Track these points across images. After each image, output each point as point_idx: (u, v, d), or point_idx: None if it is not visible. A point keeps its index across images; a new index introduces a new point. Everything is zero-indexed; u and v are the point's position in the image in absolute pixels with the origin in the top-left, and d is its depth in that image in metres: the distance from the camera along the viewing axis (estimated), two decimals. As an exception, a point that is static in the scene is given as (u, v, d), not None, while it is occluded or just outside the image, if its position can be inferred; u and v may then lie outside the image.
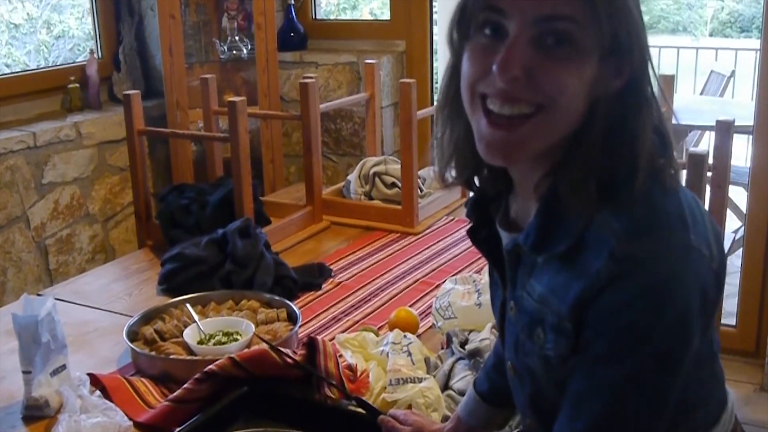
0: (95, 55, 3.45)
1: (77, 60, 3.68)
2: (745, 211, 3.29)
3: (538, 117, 0.89)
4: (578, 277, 0.88)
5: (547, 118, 0.89)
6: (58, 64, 3.69)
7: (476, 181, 1.06)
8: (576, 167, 0.89)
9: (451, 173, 1.04)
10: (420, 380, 1.45)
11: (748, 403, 3.03)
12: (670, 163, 0.92)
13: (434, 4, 3.68)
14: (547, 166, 0.93)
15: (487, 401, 1.26)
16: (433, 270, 2.17)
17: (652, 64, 0.92)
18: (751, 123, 3.08)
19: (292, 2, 3.75)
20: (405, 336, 1.58)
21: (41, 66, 3.69)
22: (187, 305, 1.78)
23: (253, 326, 1.69)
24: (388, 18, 3.74)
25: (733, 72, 5.77)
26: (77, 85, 3.34)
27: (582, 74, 0.88)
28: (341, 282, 2.09)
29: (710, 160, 1.98)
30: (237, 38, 3.60)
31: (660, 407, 0.88)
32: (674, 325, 0.85)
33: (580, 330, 0.89)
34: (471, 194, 1.10)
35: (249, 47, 3.61)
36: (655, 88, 0.92)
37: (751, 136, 3.16)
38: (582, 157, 0.89)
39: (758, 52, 3.21)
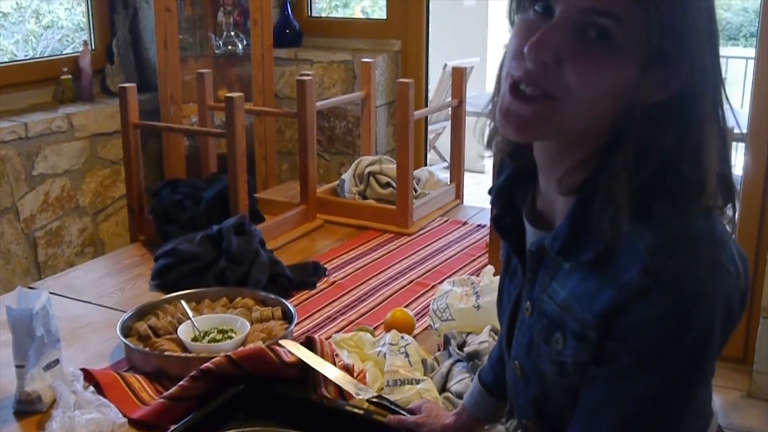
0: (89, 47, 3.42)
1: (65, 51, 3.66)
2: (735, 221, 3.29)
3: (549, 103, 0.87)
4: (607, 287, 0.87)
5: (561, 108, 0.87)
6: (45, 54, 3.67)
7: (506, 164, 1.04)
8: (610, 175, 0.87)
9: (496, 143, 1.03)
10: (418, 382, 1.44)
11: (735, 409, 3.04)
12: (725, 197, 0.90)
13: (430, 4, 3.67)
14: (574, 160, 0.91)
15: (493, 393, 1.26)
16: (428, 271, 2.16)
17: (719, 88, 0.88)
18: (741, 131, 3.09)
19: (288, -1, 3.74)
20: (402, 337, 1.57)
21: (29, 56, 3.66)
22: (182, 301, 1.77)
23: (248, 324, 1.68)
24: (384, 17, 3.73)
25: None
26: (70, 76, 3.31)
27: (614, 75, 0.85)
28: (336, 281, 2.07)
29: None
30: (232, 33, 3.59)
31: (677, 420, 0.89)
32: (698, 341, 0.85)
33: (604, 340, 0.88)
34: (497, 180, 1.08)
35: (244, 43, 3.59)
36: (726, 114, 0.89)
37: (740, 144, 3.17)
38: (616, 164, 0.87)
39: (753, 60, 3.22)
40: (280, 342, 1.53)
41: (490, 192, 1.10)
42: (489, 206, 2.02)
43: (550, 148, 0.94)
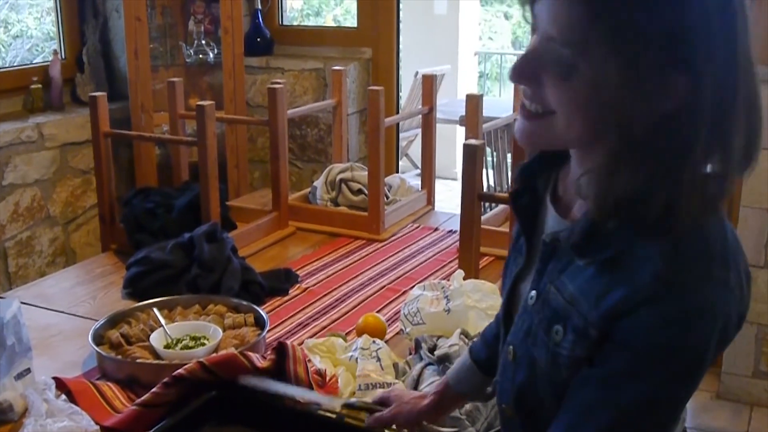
0: (59, 56, 3.41)
1: (35, 60, 3.64)
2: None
3: (546, 119, 0.92)
4: (616, 288, 0.88)
5: (552, 122, 0.91)
6: (15, 64, 3.65)
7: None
8: (611, 175, 0.88)
9: None
10: (389, 385, 1.46)
11: (705, 410, 3.08)
12: (723, 190, 0.89)
13: (400, 12, 3.69)
14: (594, 162, 0.92)
15: (483, 369, 1.26)
16: (399, 277, 2.18)
17: (726, 91, 0.85)
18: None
19: (260, 7, 3.75)
20: (374, 341, 1.58)
21: (-1, 66, 3.64)
22: (154, 309, 1.77)
23: (220, 331, 1.69)
24: (355, 25, 3.75)
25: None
26: (40, 85, 3.30)
27: (584, 93, 0.87)
28: (308, 287, 2.09)
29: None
30: (203, 42, 3.59)
31: (662, 429, 0.91)
32: (694, 355, 0.87)
33: (603, 340, 0.89)
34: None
35: (215, 51, 3.59)
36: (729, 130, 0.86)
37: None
38: (639, 176, 0.86)
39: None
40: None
41: (517, 168, 1.13)
42: (459, 212, 2.05)
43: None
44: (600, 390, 0.90)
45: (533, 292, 1.01)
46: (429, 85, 2.76)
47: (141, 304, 1.82)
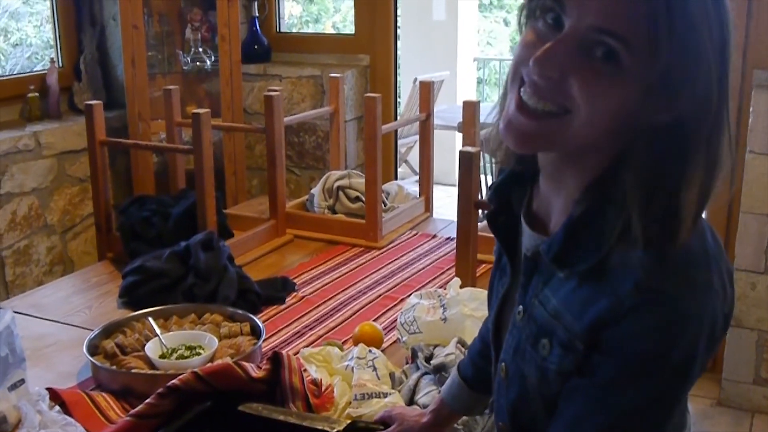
0: (56, 64, 3.40)
1: (35, 69, 3.64)
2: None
3: (560, 119, 0.87)
4: (599, 299, 0.87)
5: (568, 123, 0.86)
6: (14, 72, 3.64)
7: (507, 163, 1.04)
8: (621, 192, 0.86)
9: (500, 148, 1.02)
10: (385, 395, 1.45)
11: (705, 417, 3.07)
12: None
13: (398, 19, 3.69)
14: (577, 172, 0.92)
15: (472, 386, 1.26)
16: (397, 284, 2.17)
17: (721, 118, 0.85)
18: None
19: (257, 14, 3.75)
20: (370, 351, 1.57)
21: (-3, 74, 3.64)
22: (149, 319, 1.76)
23: (216, 340, 1.68)
24: (353, 32, 3.75)
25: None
26: (37, 94, 3.29)
27: (619, 94, 0.84)
28: (305, 296, 2.08)
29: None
30: (200, 50, 3.59)
31: None
32: (682, 361, 0.86)
33: (590, 352, 0.89)
34: (496, 177, 1.08)
35: (212, 59, 3.59)
36: (723, 147, 0.86)
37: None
38: (626, 182, 0.86)
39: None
40: None
41: (489, 189, 1.10)
42: (455, 219, 2.04)
43: (553, 156, 0.95)
44: (589, 400, 0.90)
45: (520, 307, 1.00)
46: (426, 91, 2.76)
47: (136, 313, 1.81)
